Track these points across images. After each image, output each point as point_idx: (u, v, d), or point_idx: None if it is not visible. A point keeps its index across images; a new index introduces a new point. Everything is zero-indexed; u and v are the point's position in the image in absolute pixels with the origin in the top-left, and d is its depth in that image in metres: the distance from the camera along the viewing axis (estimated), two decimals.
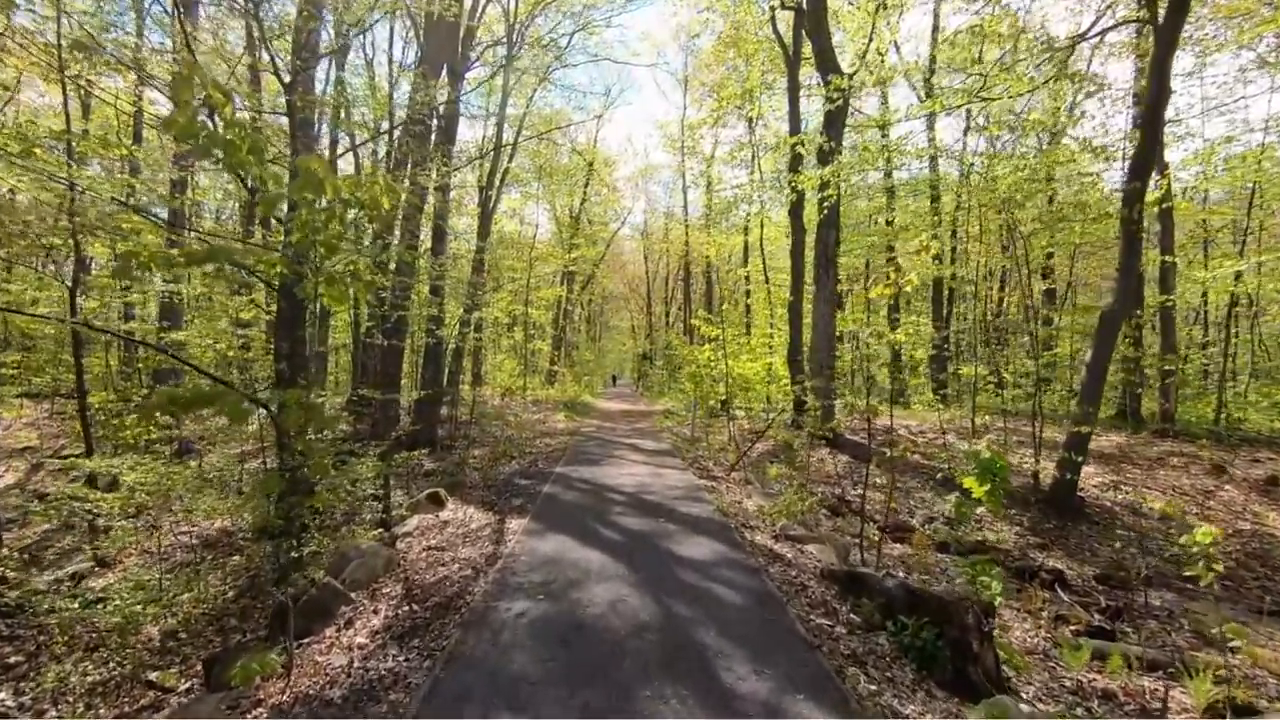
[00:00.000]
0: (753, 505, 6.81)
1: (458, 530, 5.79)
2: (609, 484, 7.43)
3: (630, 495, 6.80)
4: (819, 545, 5.55)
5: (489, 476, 9.05)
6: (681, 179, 28.89)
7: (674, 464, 9.25)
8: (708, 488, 7.47)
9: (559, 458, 9.96)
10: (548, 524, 5.57)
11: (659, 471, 8.51)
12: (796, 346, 12.77)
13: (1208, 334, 15.74)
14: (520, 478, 8.24)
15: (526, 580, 4.04)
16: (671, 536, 5.09)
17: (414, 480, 10.43)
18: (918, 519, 8.35)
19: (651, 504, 6.37)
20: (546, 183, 27.43)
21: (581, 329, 41.83)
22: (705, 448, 11.83)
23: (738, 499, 7.04)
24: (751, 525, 5.80)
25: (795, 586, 4.30)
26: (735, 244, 22.45)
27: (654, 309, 41.94)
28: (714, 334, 15.64)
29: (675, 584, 4.02)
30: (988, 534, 7.21)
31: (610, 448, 11.05)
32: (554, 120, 25.19)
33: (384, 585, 4.34)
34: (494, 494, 7.35)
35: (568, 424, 15.58)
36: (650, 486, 7.31)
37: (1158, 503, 8.94)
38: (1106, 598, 6.13)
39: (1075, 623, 5.21)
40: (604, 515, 5.84)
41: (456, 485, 8.33)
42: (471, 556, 4.69)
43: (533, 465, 9.44)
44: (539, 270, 27.77)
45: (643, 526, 5.41)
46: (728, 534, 5.28)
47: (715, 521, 5.66)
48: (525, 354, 25.37)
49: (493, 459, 10.67)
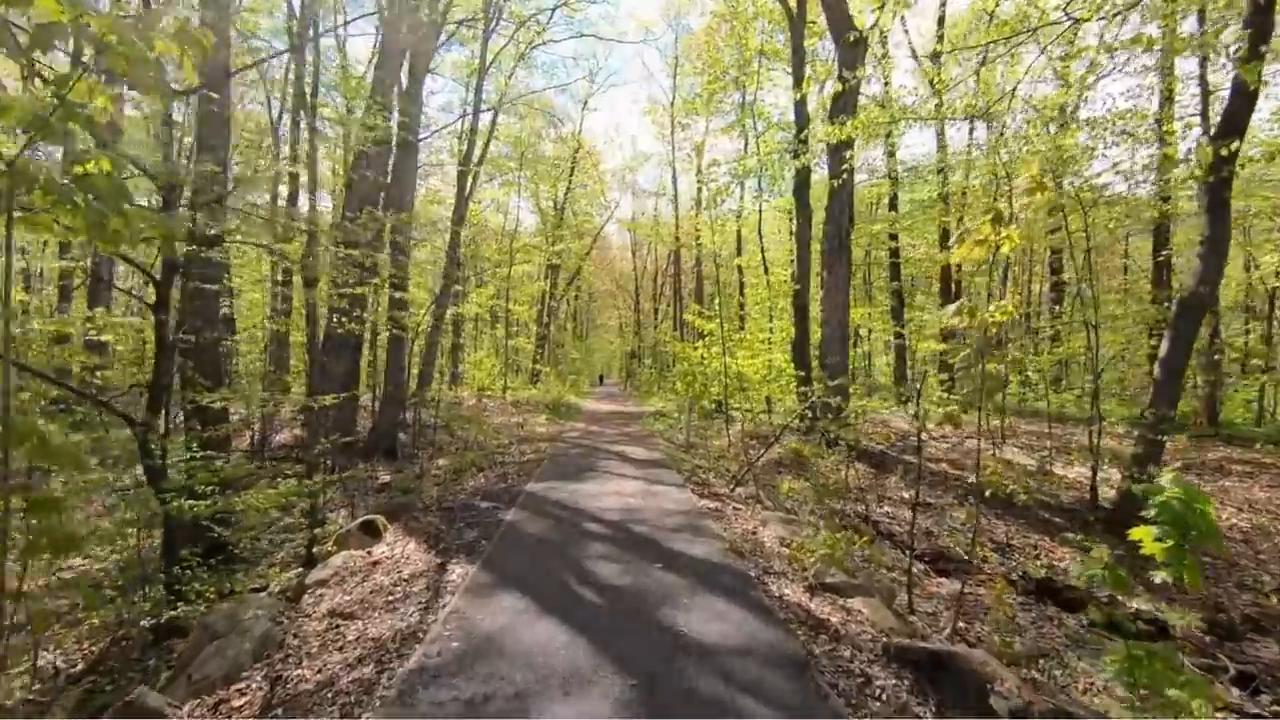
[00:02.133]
0: (771, 536, 5.39)
1: (385, 580, 4.31)
2: (590, 507, 5.98)
3: (615, 525, 5.35)
4: (865, 598, 4.15)
5: (448, 494, 7.57)
6: (671, 168, 27.45)
7: (668, 477, 7.82)
8: (712, 511, 6.04)
9: (534, 469, 8.49)
10: (502, 574, 4.10)
11: (651, 488, 7.06)
12: (803, 341, 11.41)
13: (1249, 326, 14.64)
14: (483, 498, 6.76)
15: (448, 695, 2.58)
16: (673, 597, 3.65)
17: (365, 496, 8.92)
18: (961, 542, 7.00)
19: (642, 539, 4.93)
20: (529, 172, 25.83)
21: (568, 326, 40.28)
22: (702, 455, 10.42)
23: (750, 527, 5.62)
24: (776, 571, 4.38)
25: (855, 681, 2.89)
26: (729, 232, 21.07)
27: (642, 306, 40.50)
28: (708, 328, 14.26)
29: (687, 699, 2.59)
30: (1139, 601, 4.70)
31: (595, 457, 9.60)
32: (536, 103, 23.66)
33: (241, 690, 2.85)
34: (446, 520, 5.87)
35: (549, 428, 14.09)
36: (641, 511, 5.87)
37: (1237, 518, 7.70)
38: (1230, 657, 4.80)
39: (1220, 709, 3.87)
40: (579, 559, 4.39)
41: (404, 508, 6.83)
42: (383, 635, 3.21)
43: (502, 480, 7.96)
44: (521, 265, 26.18)
45: (632, 580, 3.97)
46: (749, 590, 3.86)
47: (730, 569, 4.23)
48: (505, 351, 23.78)
49: (457, 471, 9.18)
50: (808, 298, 11.45)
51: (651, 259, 42.69)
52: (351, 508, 7.93)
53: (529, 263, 26.23)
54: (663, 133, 28.04)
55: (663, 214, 33.04)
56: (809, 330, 11.55)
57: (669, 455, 9.95)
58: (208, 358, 6.65)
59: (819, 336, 10.46)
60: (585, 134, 27.33)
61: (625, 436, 12.37)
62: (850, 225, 10.07)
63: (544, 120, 25.74)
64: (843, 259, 10.00)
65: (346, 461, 10.58)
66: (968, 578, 6.24)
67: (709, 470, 9.06)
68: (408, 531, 5.67)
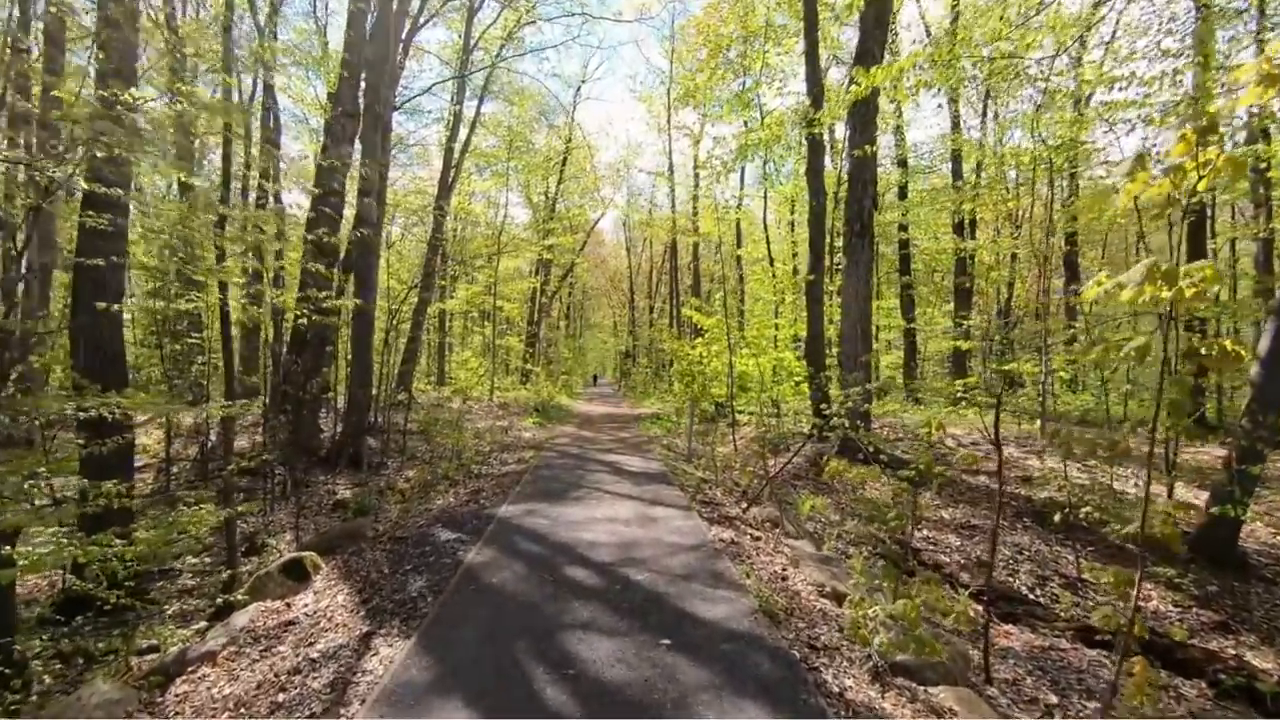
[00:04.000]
0: (807, 583, 4.21)
1: (288, 660, 3.10)
2: (575, 542, 4.77)
3: (607, 570, 4.15)
4: (952, 689, 2.99)
5: (409, 516, 6.36)
6: (668, 159, 26.25)
7: (670, 495, 6.63)
8: (727, 545, 4.85)
9: (513, 485, 7.28)
10: (441, 660, 2.89)
11: (650, 511, 5.87)
12: (817, 337, 10.24)
13: None
14: (446, 524, 5.54)
15: None
16: (689, 703, 2.46)
17: (317, 515, 7.70)
18: (1023, 578, 5.84)
19: (643, 593, 3.73)
20: (519, 163, 24.50)
21: (560, 325, 39.04)
22: (706, 465, 9.24)
23: (778, 568, 4.44)
24: (825, 645, 3.20)
25: None
26: (729, 223, 19.90)
27: (637, 304, 39.32)
28: (708, 325, 13.09)
29: None
30: None
31: (585, 468, 8.39)
32: (526, 89, 22.39)
33: None
34: (393, 559, 4.65)
35: (537, 433, 12.88)
36: (639, 546, 4.67)
37: None
38: None
39: None
40: (556, 632, 3.19)
41: (351, 535, 5.61)
42: None
43: (474, 499, 6.75)
44: (511, 260, 24.91)
45: (630, 670, 2.77)
46: (796, 684, 2.67)
47: (764, 645, 3.04)
48: (493, 349, 22.54)
49: (426, 486, 7.98)
50: (822, 289, 10.28)
51: (646, 256, 41.52)
52: (297, 530, 6.70)
53: (518, 257, 24.95)
54: (659, 123, 26.87)
55: (659, 207, 31.86)
56: (823, 324, 10.38)
57: (669, 466, 8.76)
58: (99, 346, 5.35)
59: (836, 330, 9.28)
60: (578, 127, 26.06)
61: (619, 443, 11.18)
62: (874, 206, 8.91)
63: (534, 108, 24.48)
64: (865, 243, 8.84)
65: (305, 472, 9.36)
66: (1041, 624, 5.10)
67: (715, 484, 7.88)
68: (344, 574, 4.46)
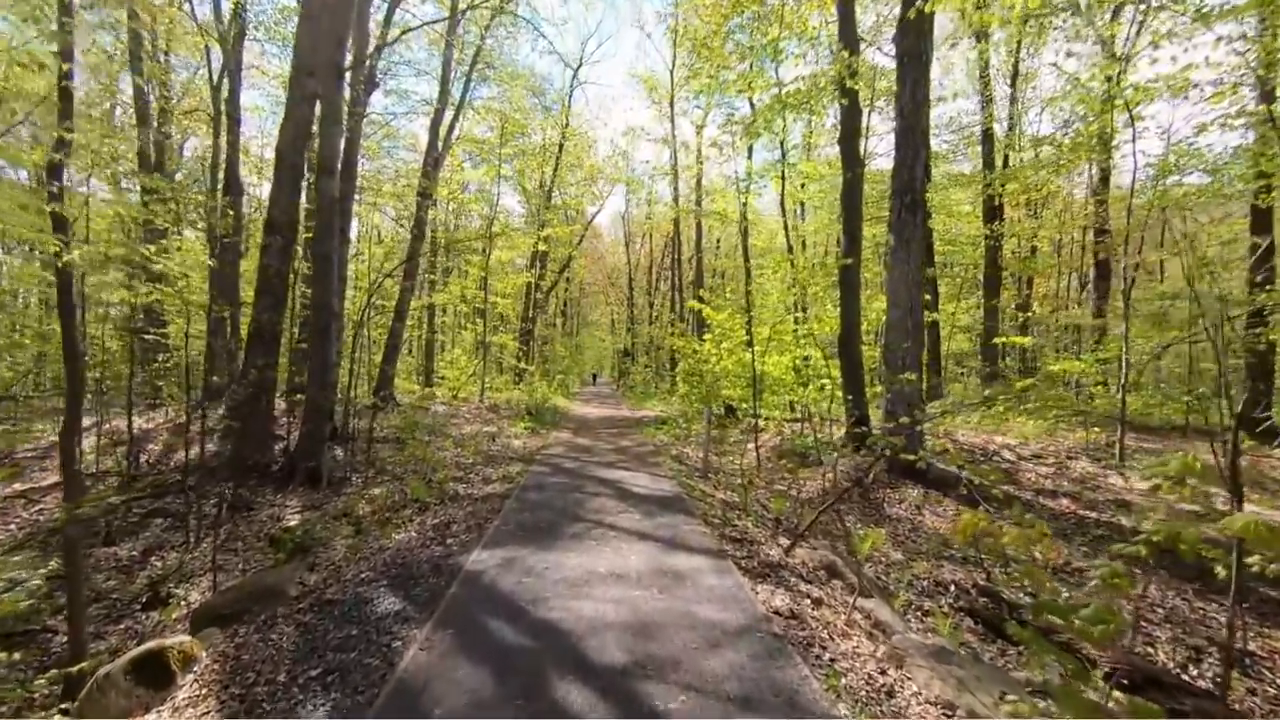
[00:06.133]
0: (923, 698, 2.74)
1: None
2: (567, 623, 3.30)
3: (618, 688, 2.68)
4: None
5: (354, 559, 4.88)
6: (670, 148, 24.74)
7: (692, 533, 5.16)
8: (786, 623, 3.38)
9: (492, 515, 5.81)
10: None
11: (671, 561, 4.39)
12: (852, 330, 8.78)
13: None
14: (392, 584, 4.06)
15: None
16: None
17: (248, 551, 6.21)
18: (1164, 645, 4.40)
19: None
20: (511, 149, 22.94)
21: (557, 322, 37.54)
22: (725, 482, 7.77)
23: (873, 670, 2.97)
24: None
25: None
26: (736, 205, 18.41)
27: (635, 301, 37.83)
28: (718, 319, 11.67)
29: None
30: None
31: (581, 490, 6.91)
32: (519, 75, 20.87)
33: None
34: (307, 647, 3.18)
35: (528, 440, 11.39)
36: (663, 632, 3.20)
37: None
38: None
39: None
40: None
41: (267, 596, 4.12)
42: None
43: (439, 537, 5.27)
44: (504, 252, 23.35)
45: None
46: None
47: None
48: (484, 346, 21.03)
49: (389, 512, 6.52)
50: (858, 275, 8.82)
51: (645, 251, 40.04)
52: (215, 575, 5.21)
53: (512, 250, 23.39)
54: (661, 110, 25.36)
55: (660, 199, 30.33)
56: (859, 315, 8.93)
57: (683, 485, 7.29)
58: None
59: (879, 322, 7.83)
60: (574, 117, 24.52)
61: (622, 454, 9.70)
62: (927, 172, 7.46)
63: (528, 91, 22.96)
64: (917, 218, 7.39)
65: (253, 491, 7.88)
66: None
67: (742, 510, 6.42)
68: (224, 676, 2.98)
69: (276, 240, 8.52)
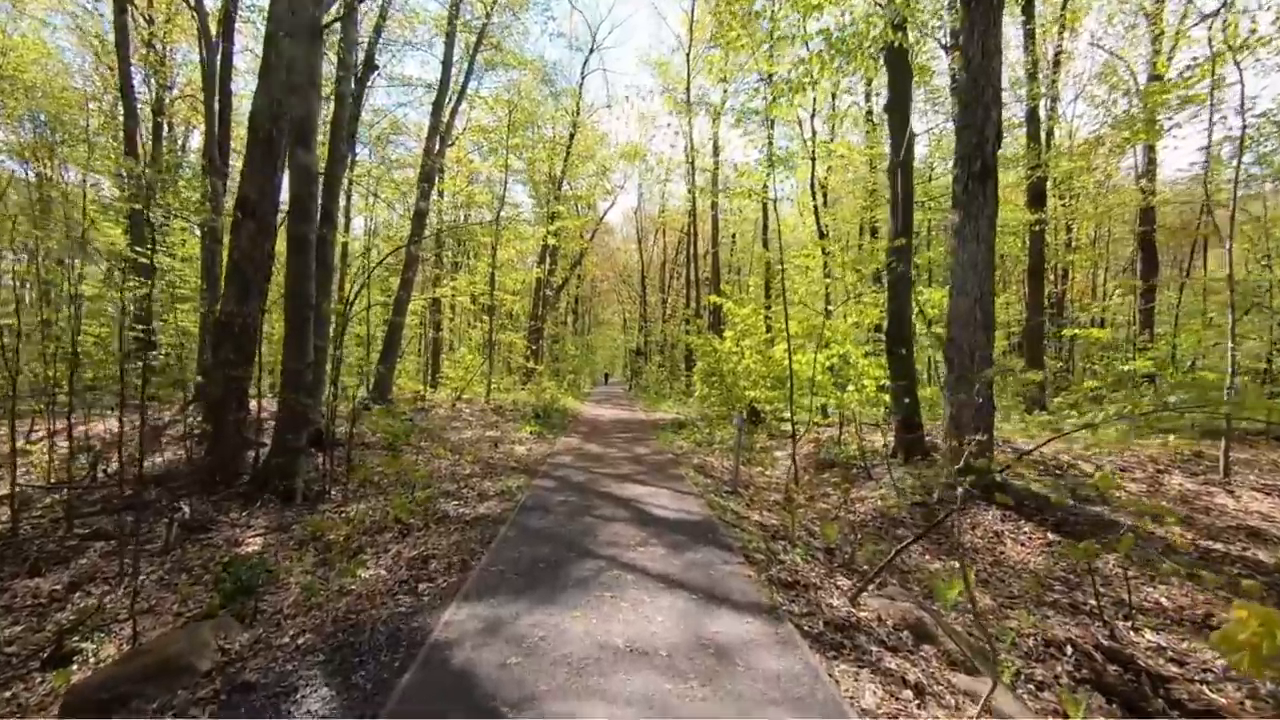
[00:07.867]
0: None
1: None
2: None
3: None
4: None
5: (299, 611, 3.83)
6: (687, 138, 23.58)
7: (732, 577, 4.03)
8: None
9: (482, 548, 4.72)
10: None
11: (710, 627, 3.27)
12: (902, 324, 7.59)
13: None
14: (328, 666, 2.99)
15: None
16: None
17: (194, 585, 5.17)
18: None
19: None
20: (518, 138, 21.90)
21: (567, 320, 36.52)
22: (761, 500, 6.60)
23: None
24: None
25: None
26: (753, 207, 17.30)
27: (648, 299, 36.69)
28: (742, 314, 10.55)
29: None
30: None
31: (591, 513, 5.80)
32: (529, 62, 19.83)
33: None
34: None
35: (533, 446, 10.31)
36: None
37: None
38: None
39: None
40: None
41: (167, 672, 3.07)
42: None
43: (412, 578, 4.19)
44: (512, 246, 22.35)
45: None
46: None
47: None
48: (491, 345, 20.04)
49: (363, 536, 5.47)
50: (910, 260, 7.63)
51: (659, 248, 38.92)
52: (134, 625, 4.17)
53: (521, 242, 22.36)
54: (675, 96, 24.19)
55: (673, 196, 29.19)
56: (910, 308, 7.74)
57: (712, 504, 6.16)
58: None
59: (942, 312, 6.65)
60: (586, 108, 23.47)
61: (638, 464, 8.58)
62: (999, 134, 6.26)
63: (538, 78, 21.96)
64: (986, 189, 6.19)
65: (216, 507, 6.87)
66: None
67: (788, 539, 5.27)
68: None
69: (249, 222, 7.50)
